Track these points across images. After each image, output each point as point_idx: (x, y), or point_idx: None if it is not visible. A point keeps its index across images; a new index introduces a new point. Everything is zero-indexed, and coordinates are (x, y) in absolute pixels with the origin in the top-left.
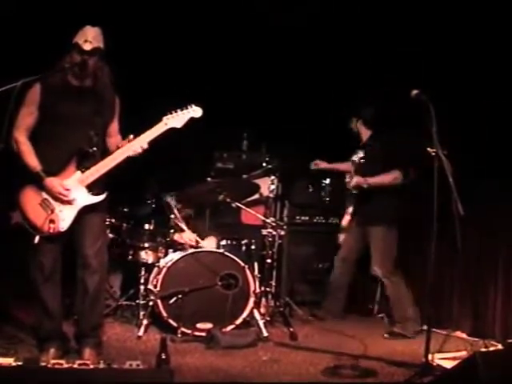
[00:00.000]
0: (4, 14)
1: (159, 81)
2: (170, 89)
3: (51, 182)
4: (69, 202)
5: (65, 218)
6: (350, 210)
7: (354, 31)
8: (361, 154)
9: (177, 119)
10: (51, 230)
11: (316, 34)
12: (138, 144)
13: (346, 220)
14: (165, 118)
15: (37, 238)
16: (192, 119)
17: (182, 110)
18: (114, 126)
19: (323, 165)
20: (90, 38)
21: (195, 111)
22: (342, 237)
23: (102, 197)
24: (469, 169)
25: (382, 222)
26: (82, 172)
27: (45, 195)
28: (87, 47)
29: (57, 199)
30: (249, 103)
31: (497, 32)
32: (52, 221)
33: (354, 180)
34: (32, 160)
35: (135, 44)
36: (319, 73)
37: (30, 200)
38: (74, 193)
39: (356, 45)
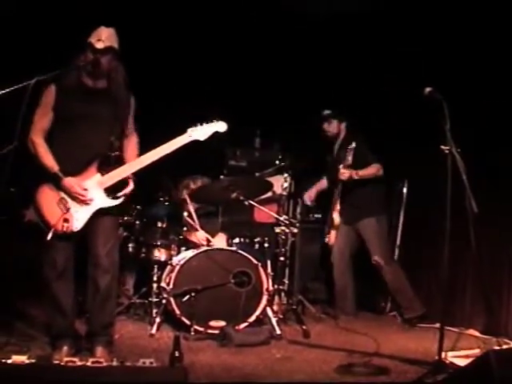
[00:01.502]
0: (5, 14)
1: (174, 79)
2: (185, 88)
3: (69, 181)
4: (85, 203)
5: (79, 218)
6: (338, 206)
7: (367, 32)
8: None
9: (201, 132)
10: (65, 229)
11: (328, 33)
12: (162, 152)
13: (336, 217)
14: (189, 130)
15: (50, 235)
16: (217, 133)
17: (207, 122)
18: (130, 127)
19: (313, 194)
20: (103, 37)
21: (220, 125)
22: (332, 234)
23: (119, 201)
24: (482, 167)
25: (372, 213)
26: (102, 175)
27: (62, 194)
28: (100, 45)
29: (74, 199)
30: (261, 101)
31: (497, 31)
32: (66, 220)
33: (347, 173)
34: (49, 161)
35: (150, 45)
36: (331, 71)
37: (47, 198)
38: (92, 194)
39: (370, 44)
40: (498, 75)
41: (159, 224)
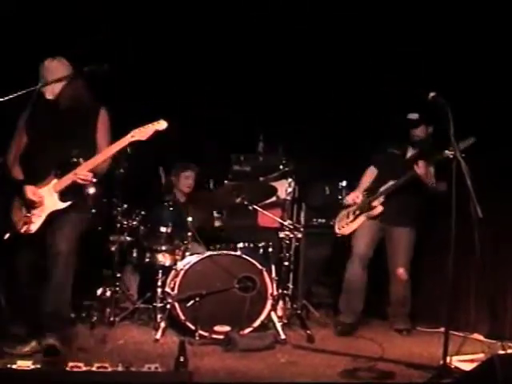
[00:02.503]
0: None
1: (177, 83)
2: (187, 90)
3: (26, 189)
4: (39, 208)
5: (35, 221)
6: (383, 199)
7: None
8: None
9: (142, 132)
10: (22, 230)
11: (334, 36)
12: (107, 154)
13: (379, 207)
14: (132, 132)
15: (7, 235)
16: (157, 132)
17: (148, 124)
18: (102, 140)
19: (358, 194)
20: (49, 79)
21: (160, 124)
22: (355, 223)
23: (67, 203)
24: (482, 171)
25: (409, 222)
26: (58, 178)
27: (24, 201)
28: (49, 96)
29: (31, 204)
30: (265, 105)
31: (497, 31)
32: (25, 222)
33: (424, 168)
34: (16, 172)
35: (152, 49)
36: (336, 75)
37: (15, 205)
38: (46, 199)
39: (378, 45)
40: (498, 75)
41: (163, 229)
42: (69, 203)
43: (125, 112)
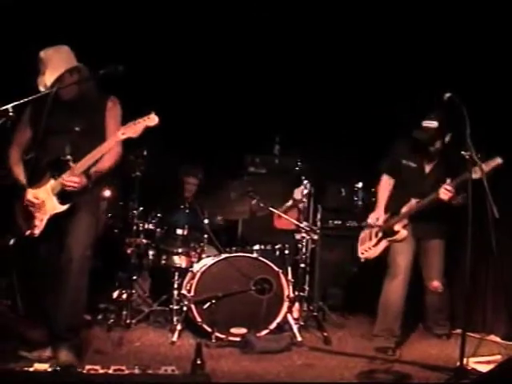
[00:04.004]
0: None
1: (194, 87)
2: (203, 92)
3: (26, 193)
4: (41, 210)
5: (38, 224)
6: (406, 220)
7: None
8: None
9: (133, 129)
10: (26, 233)
11: (352, 39)
12: (101, 152)
13: (403, 232)
14: (122, 128)
15: (12, 240)
16: (148, 127)
17: (137, 119)
18: (110, 130)
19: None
20: (53, 69)
21: (150, 119)
22: (379, 247)
23: (66, 206)
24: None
25: (442, 234)
26: (55, 179)
27: (25, 203)
28: (49, 82)
29: (32, 207)
30: (281, 108)
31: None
32: (28, 226)
33: (451, 193)
34: (17, 173)
35: (166, 52)
36: (351, 76)
37: (17, 208)
38: (46, 201)
39: (390, 50)
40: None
41: (179, 231)
42: (68, 206)
43: (138, 115)
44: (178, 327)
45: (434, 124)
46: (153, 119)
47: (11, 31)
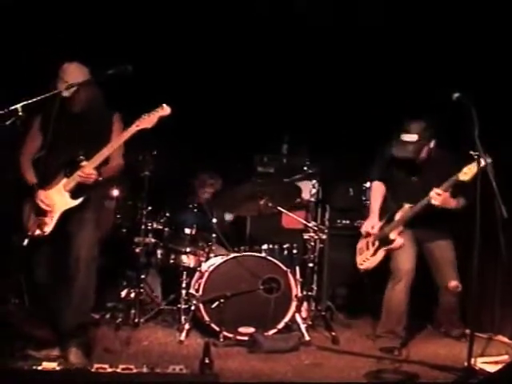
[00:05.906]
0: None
1: (202, 86)
2: (212, 92)
3: (38, 193)
4: (51, 209)
5: (48, 222)
6: (401, 228)
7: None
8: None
9: (148, 120)
10: (36, 233)
11: (359, 39)
12: (114, 146)
13: (399, 240)
14: (136, 121)
15: (26, 241)
16: (162, 118)
17: (151, 111)
18: (115, 150)
19: (373, 223)
20: (69, 79)
21: (164, 110)
22: (376, 257)
23: (79, 200)
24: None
25: (447, 234)
26: (67, 177)
27: (37, 204)
28: (66, 94)
29: (43, 206)
30: (289, 107)
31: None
32: (39, 225)
33: (441, 197)
34: (29, 175)
35: (174, 53)
36: (359, 76)
37: (27, 208)
38: (56, 200)
39: (399, 52)
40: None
41: (188, 231)
42: (81, 200)
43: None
44: (186, 326)
45: (413, 138)
46: (166, 109)
47: (11, 31)
